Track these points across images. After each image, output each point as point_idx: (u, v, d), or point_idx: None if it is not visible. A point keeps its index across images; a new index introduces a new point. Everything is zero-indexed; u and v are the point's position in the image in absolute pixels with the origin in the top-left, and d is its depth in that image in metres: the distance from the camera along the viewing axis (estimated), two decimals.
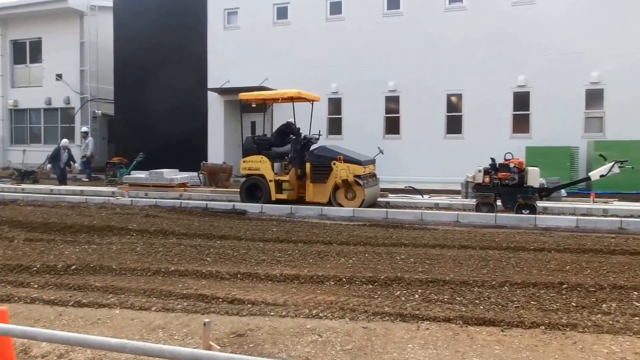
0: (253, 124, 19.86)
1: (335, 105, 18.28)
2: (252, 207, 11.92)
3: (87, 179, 19.62)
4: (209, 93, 20.21)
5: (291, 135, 12.75)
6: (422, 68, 17.33)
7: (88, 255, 7.38)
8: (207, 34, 20.42)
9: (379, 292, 5.53)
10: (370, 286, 5.75)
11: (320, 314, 4.83)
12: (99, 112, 24.51)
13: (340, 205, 11.69)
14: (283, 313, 4.87)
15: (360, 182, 11.50)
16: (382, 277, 5.99)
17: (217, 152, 19.77)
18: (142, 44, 21.54)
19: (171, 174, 14.92)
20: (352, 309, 4.95)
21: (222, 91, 19.68)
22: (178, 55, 20.80)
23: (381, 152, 12.98)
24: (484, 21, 16.71)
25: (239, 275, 6.21)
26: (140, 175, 15.68)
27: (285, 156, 12.70)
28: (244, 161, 12.60)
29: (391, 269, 6.47)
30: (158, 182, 14.65)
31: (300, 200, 12.32)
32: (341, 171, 11.52)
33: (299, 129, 12.99)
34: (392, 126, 17.90)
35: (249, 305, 5.09)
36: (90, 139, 20.93)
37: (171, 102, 20.57)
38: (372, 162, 12.58)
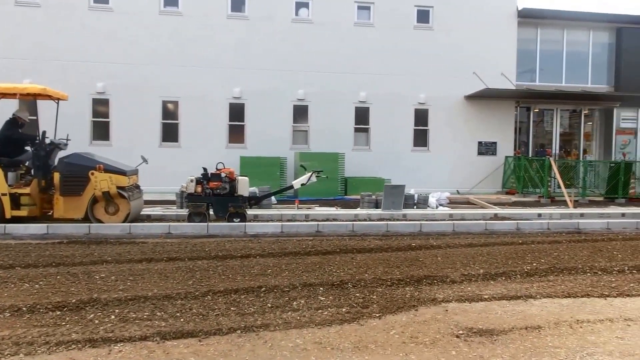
0: None
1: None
2: None
3: None
4: None
5: (33, 141, 10.75)
6: (134, 71, 16.68)
7: None
8: None
9: (68, 318, 4.94)
10: (59, 312, 5.11)
11: None
12: None
13: (99, 221, 10.36)
14: None
15: (125, 194, 10.39)
16: (74, 300, 5.40)
17: None
18: None
19: None
20: (29, 342, 4.31)
21: None
22: None
23: (145, 161, 11.88)
24: (202, 30, 16.97)
25: None
26: None
27: (22, 164, 10.73)
28: None
29: (87, 290, 5.89)
30: None
31: (45, 216, 10.62)
32: (102, 182, 10.20)
33: (44, 132, 10.93)
34: (102, 132, 16.78)
35: None
36: None
37: None
38: (136, 172, 11.45)
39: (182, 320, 4.94)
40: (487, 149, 18.77)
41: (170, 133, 17.10)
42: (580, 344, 4.45)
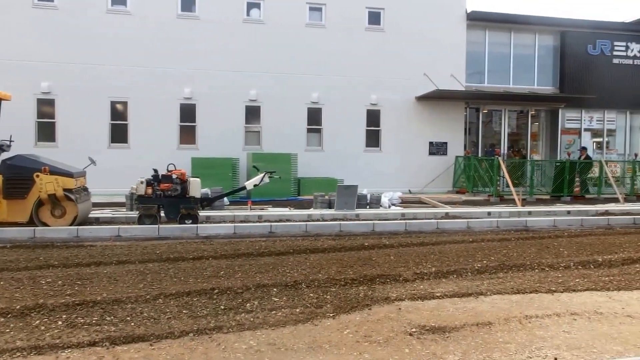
0: None
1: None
2: None
3: None
4: None
5: None
6: (81, 71, 16.15)
7: None
8: None
9: (12, 325, 4.75)
10: (2, 319, 4.90)
11: None
12: None
13: (45, 224, 9.97)
14: None
15: (72, 196, 10.04)
16: (19, 306, 5.17)
17: None
18: None
19: None
20: None
21: None
22: None
23: (93, 162, 11.49)
24: (152, 29, 16.60)
25: None
26: None
27: None
28: None
29: (32, 295, 5.66)
30: None
31: None
32: (47, 185, 9.83)
33: None
34: (48, 133, 16.17)
35: None
36: None
37: None
38: (83, 174, 11.07)
39: (132, 324, 4.82)
40: (437, 149, 19.15)
41: (119, 134, 16.66)
42: (529, 339, 4.58)
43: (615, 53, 20.70)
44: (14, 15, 15.81)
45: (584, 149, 19.17)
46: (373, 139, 18.69)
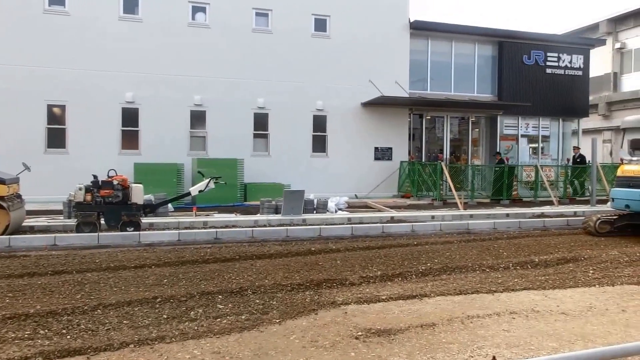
0: None
1: None
2: None
3: None
4: None
5: None
6: (14, 72, 15.37)
7: None
8: None
9: None
10: None
11: None
12: None
13: None
14: None
15: (4, 204, 9.56)
16: None
17: None
18: None
19: None
20: None
21: None
22: None
23: (27, 168, 10.90)
24: (92, 31, 16.05)
25: None
26: None
27: None
28: None
29: None
30: None
31: None
32: None
33: None
34: None
35: None
36: None
37: None
38: (17, 180, 10.52)
39: (68, 337, 4.62)
40: (383, 154, 19.42)
41: (56, 138, 15.98)
42: (471, 339, 4.69)
43: (548, 63, 21.65)
44: None
45: (497, 153, 19.89)
46: (320, 144, 18.76)
